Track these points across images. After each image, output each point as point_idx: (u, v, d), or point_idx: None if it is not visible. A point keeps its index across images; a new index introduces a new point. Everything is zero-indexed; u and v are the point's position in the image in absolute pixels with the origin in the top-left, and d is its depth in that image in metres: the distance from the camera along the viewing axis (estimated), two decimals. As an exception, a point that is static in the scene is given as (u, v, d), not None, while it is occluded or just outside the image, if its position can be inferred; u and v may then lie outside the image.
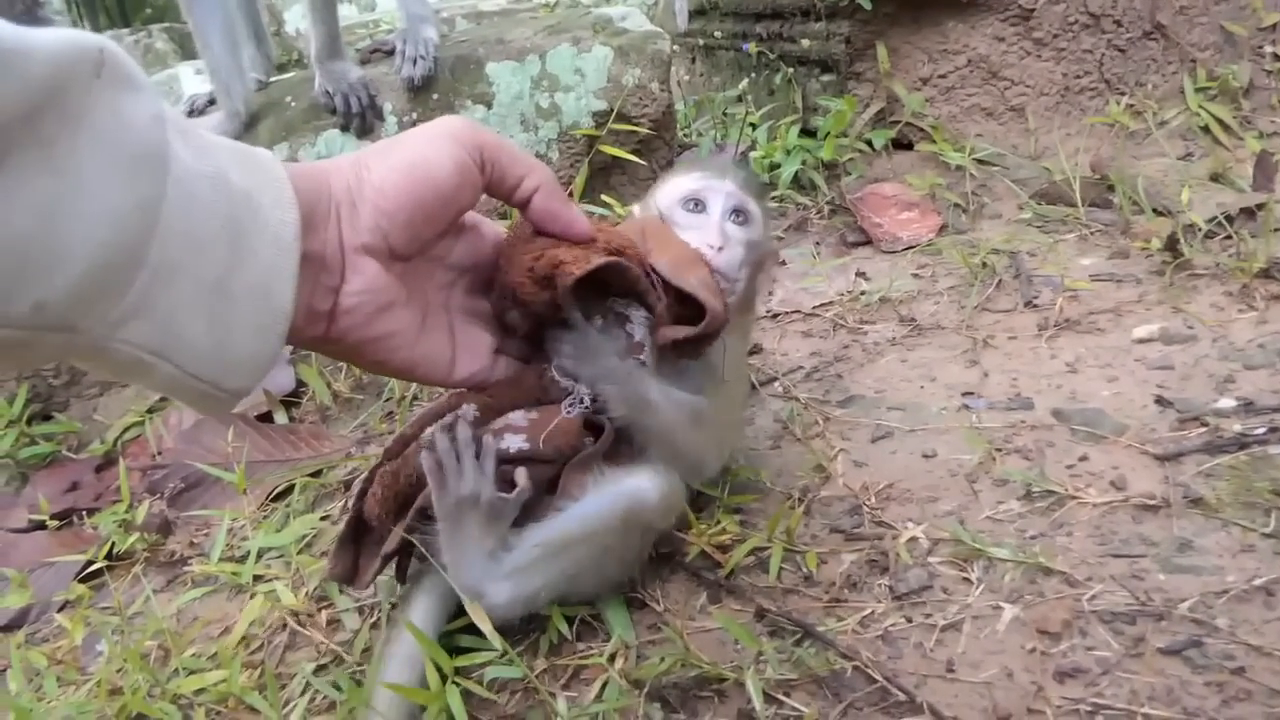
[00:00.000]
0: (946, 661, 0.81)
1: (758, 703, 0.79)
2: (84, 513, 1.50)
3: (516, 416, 0.85)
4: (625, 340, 0.87)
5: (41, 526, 1.44)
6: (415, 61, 1.73)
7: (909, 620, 0.87)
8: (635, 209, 1.07)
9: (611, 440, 0.87)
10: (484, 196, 0.78)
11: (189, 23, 1.75)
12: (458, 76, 1.77)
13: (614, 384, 0.85)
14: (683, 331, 0.87)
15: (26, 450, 1.63)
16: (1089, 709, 0.74)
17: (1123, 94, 1.94)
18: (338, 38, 1.71)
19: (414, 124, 1.74)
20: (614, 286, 0.86)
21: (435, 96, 1.76)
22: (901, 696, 0.78)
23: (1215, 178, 1.69)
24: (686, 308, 0.87)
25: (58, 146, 0.49)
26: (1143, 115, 1.91)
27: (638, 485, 0.85)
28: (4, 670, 1.12)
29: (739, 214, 0.97)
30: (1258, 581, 0.82)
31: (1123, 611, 0.82)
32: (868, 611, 0.88)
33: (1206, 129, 1.86)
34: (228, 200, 0.58)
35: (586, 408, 0.86)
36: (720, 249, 0.93)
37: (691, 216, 0.97)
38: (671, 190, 1.00)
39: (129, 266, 0.52)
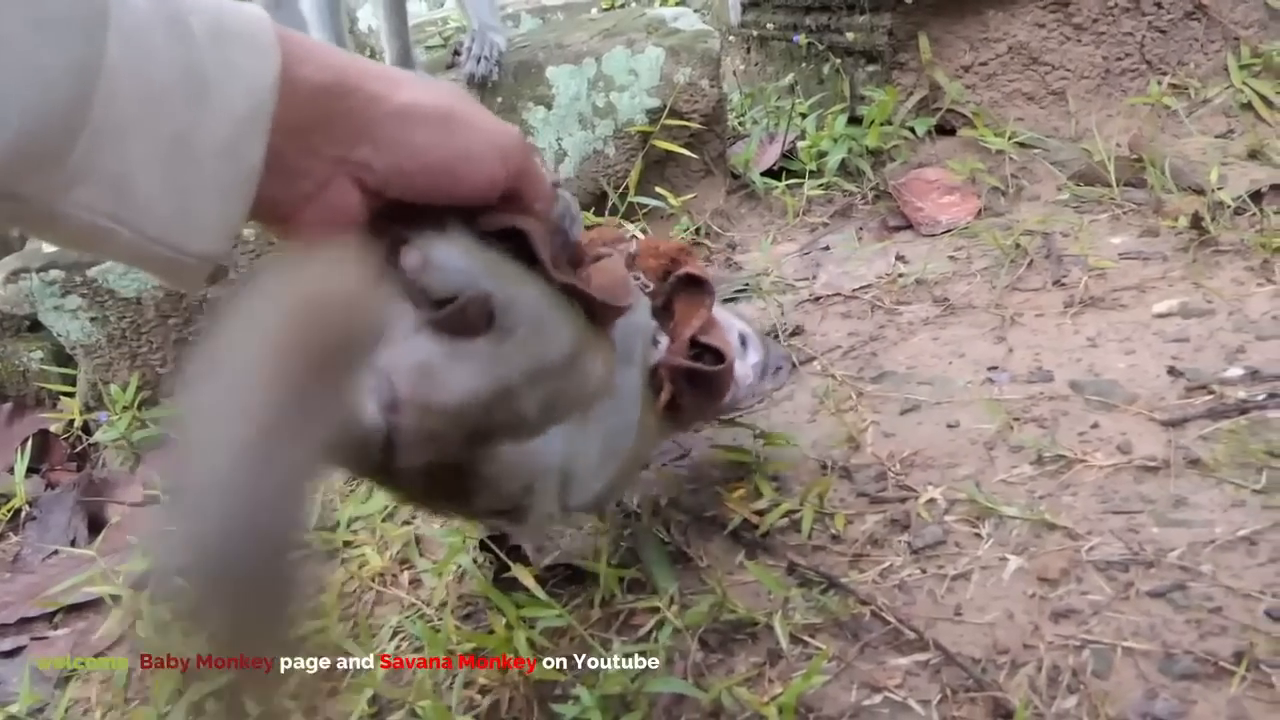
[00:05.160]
0: (955, 606, 0.91)
1: (784, 642, 0.90)
2: (191, 489, 1.66)
3: None
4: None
5: (156, 500, 1.60)
6: (480, 60, 1.86)
7: (924, 571, 0.96)
8: None
9: None
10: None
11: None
12: (520, 80, 1.89)
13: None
14: (690, 364, 0.93)
15: (139, 433, 1.80)
16: (1078, 644, 0.83)
17: (1164, 74, 1.98)
18: (410, 50, 1.85)
19: (479, 126, 1.87)
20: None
21: (499, 99, 1.88)
22: (912, 636, 0.88)
23: (1253, 154, 1.73)
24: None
25: None
26: (1185, 94, 1.95)
27: None
28: (134, 623, 1.29)
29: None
30: (1242, 532, 0.90)
31: (1117, 560, 0.91)
32: (887, 564, 0.98)
33: (1249, 106, 1.89)
34: (188, 48, 0.52)
35: None
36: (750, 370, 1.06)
37: (737, 348, 1.04)
38: (723, 319, 1.06)
39: (67, 131, 0.48)
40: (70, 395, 1.92)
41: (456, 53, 1.96)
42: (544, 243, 0.73)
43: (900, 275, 1.62)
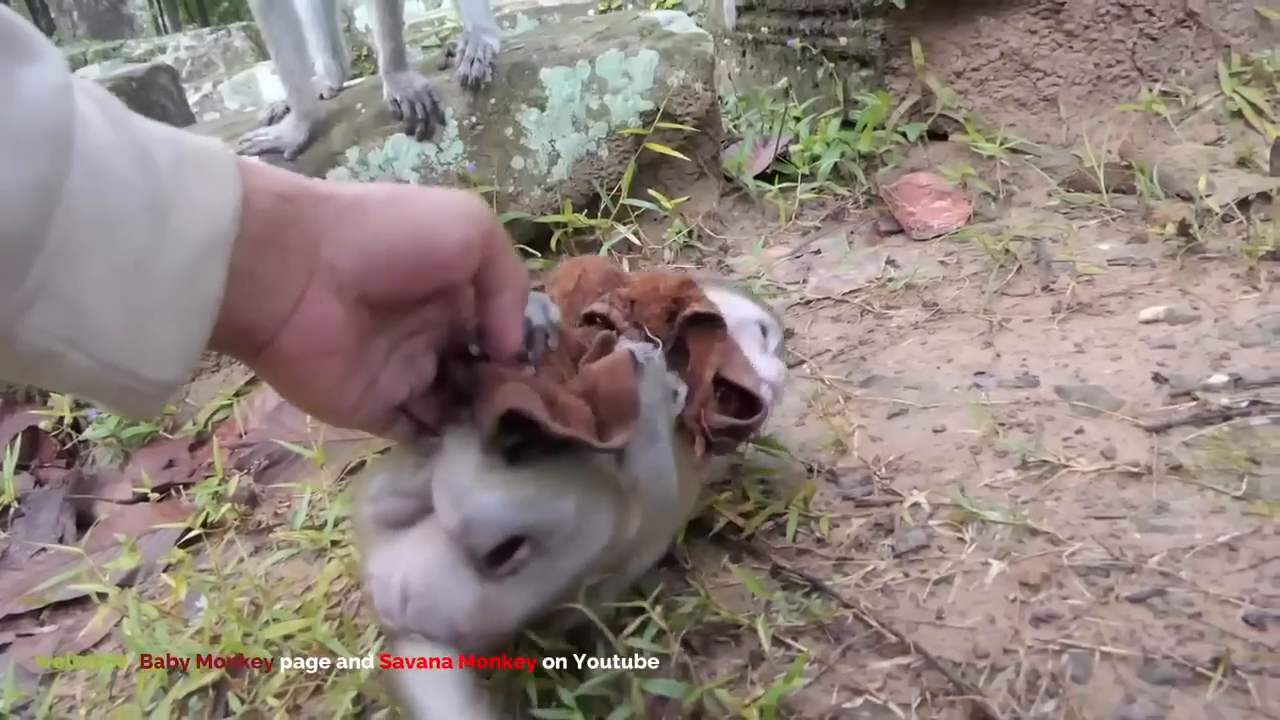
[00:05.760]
0: (937, 610, 0.91)
1: (766, 645, 0.90)
2: (180, 486, 1.66)
3: None
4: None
5: (144, 499, 1.60)
6: (473, 62, 1.87)
7: (907, 575, 0.97)
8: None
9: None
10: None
11: (263, 31, 1.89)
12: (513, 82, 1.90)
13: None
14: (728, 421, 0.94)
15: (128, 431, 1.81)
16: (1057, 648, 0.83)
17: (1155, 81, 1.99)
18: (403, 51, 1.84)
19: (473, 128, 1.88)
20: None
21: (493, 101, 1.89)
22: (894, 639, 0.89)
23: (1242, 162, 1.74)
24: (725, 404, 0.95)
25: None
26: (1176, 101, 1.96)
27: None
28: (120, 620, 1.29)
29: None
30: (1223, 538, 0.91)
31: (1098, 565, 0.91)
32: (870, 568, 0.98)
33: (1239, 113, 1.90)
34: (149, 177, 0.53)
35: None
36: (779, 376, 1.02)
37: (761, 339, 1.04)
38: (741, 312, 1.04)
39: (26, 249, 0.47)
40: (60, 392, 1.92)
41: (450, 54, 1.97)
42: (540, 409, 0.72)
43: (890, 280, 1.62)
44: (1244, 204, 1.53)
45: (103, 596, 1.29)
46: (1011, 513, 1.00)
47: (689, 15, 2.70)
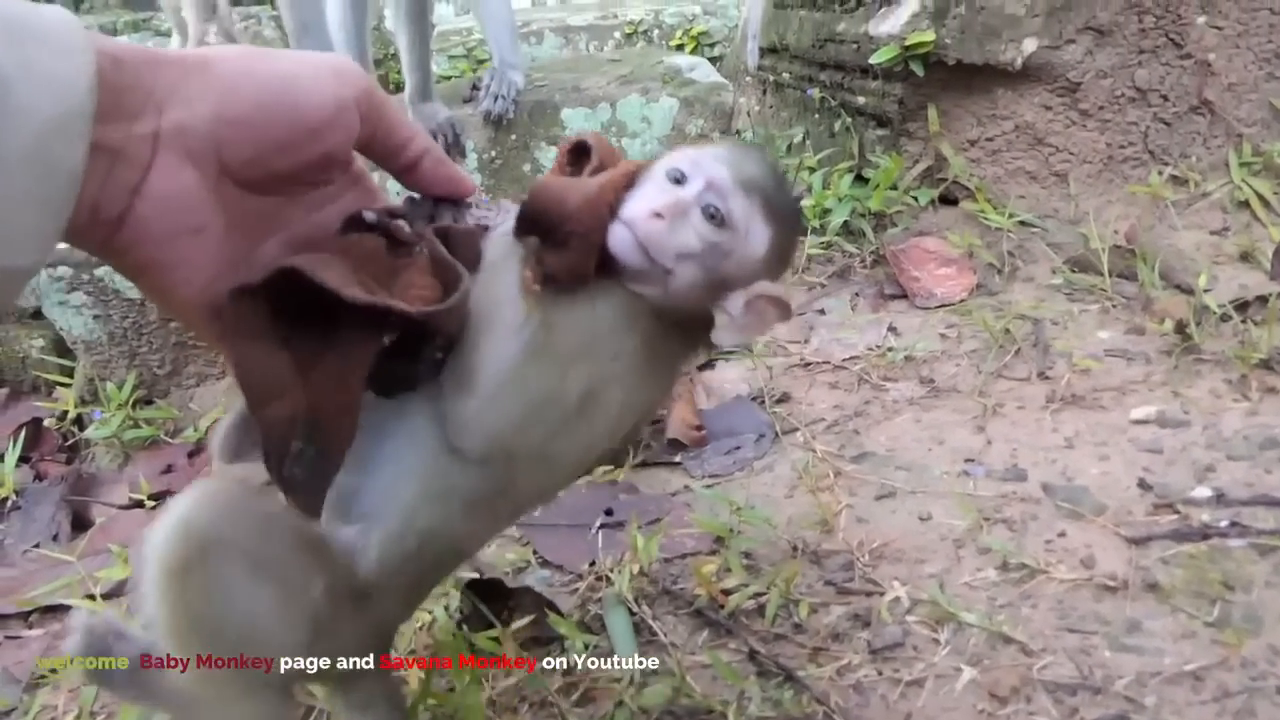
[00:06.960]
0: (906, 714, 0.94)
1: (737, 735, 0.93)
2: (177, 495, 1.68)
3: None
4: None
5: (140, 505, 1.62)
6: (497, 99, 1.90)
7: (880, 673, 0.99)
8: None
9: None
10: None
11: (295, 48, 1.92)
12: (535, 119, 1.92)
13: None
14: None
15: (130, 432, 1.83)
16: (1019, 767, 0.86)
17: (1166, 165, 2.01)
18: (430, 82, 1.88)
19: (492, 161, 1.90)
20: None
21: (513, 137, 1.91)
22: (860, 741, 0.91)
23: (1245, 256, 1.76)
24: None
25: None
26: (1185, 186, 1.98)
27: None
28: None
29: (716, 213, 0.72)
30: (1189, 667, 0.93)
31: (1066, 683, 0.94)
32: (845, 662, 1.01)
33: (1246, 204, 1.92)
34: None
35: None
36: (660, 216, 0.71)
37: (665, 183, 0.74)
38: (682, 154, 0.77)
39: None
40: (67, 385, 1.94)
41: (475, 87, 1.99)
42: (336, 271, 0.60)
43: (890, 349, 1.64)
44: (1242, 305, 1.55)
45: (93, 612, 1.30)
46: (988, 616, 1.03)
47: (711, 49, 2.73)
